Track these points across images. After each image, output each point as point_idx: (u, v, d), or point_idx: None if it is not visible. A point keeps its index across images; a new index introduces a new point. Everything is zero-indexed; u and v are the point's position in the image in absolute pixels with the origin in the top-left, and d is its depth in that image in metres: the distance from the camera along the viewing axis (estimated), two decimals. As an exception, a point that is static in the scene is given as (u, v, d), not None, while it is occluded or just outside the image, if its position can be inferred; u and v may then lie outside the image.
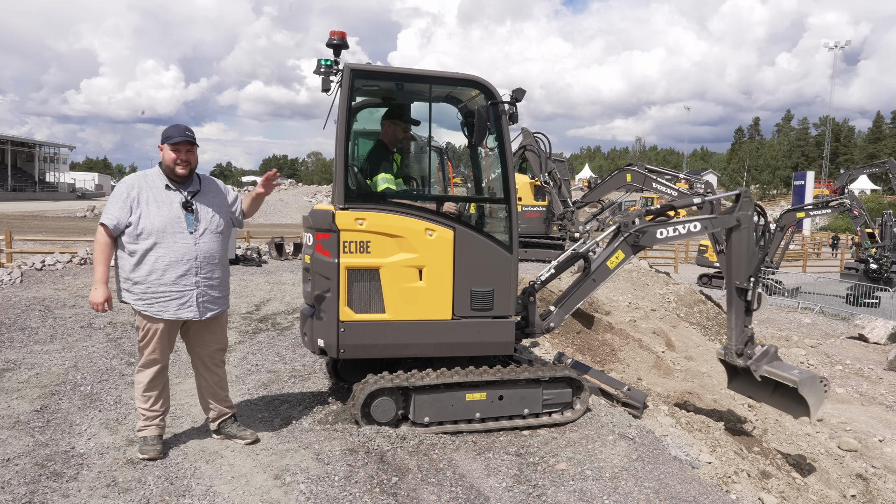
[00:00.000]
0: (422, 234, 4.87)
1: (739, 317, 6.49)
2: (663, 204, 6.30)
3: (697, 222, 6.31)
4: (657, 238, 6.11)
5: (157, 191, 4.21)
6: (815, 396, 6.13)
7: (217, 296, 4.39)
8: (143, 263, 4.12)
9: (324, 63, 4.86)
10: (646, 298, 12.77)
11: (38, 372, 6.02)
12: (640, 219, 6.04)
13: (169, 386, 4.51)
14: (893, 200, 53.17)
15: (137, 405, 4.34)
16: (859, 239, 20.46)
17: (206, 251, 4.27)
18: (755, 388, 6.64)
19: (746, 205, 6.39)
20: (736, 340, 6.52)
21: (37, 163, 64.93)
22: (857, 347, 14.35)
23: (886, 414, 10.42)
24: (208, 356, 4.51)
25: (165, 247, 4.13)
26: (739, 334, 6.51)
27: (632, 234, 5.94)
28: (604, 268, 5.89)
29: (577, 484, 4.29)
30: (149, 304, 4.16)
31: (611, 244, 6.02)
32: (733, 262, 6.44)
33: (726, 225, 6.40)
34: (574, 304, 5.89)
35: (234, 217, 4.56)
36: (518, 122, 5.21)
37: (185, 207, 4.23)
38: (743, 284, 6.39)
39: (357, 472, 4.15)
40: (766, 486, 5.94)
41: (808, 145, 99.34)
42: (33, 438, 4.54)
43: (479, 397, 5.02)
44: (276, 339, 7.51)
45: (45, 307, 8.38)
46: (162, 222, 4.13)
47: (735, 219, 6.34)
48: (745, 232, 6.37)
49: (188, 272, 4.20)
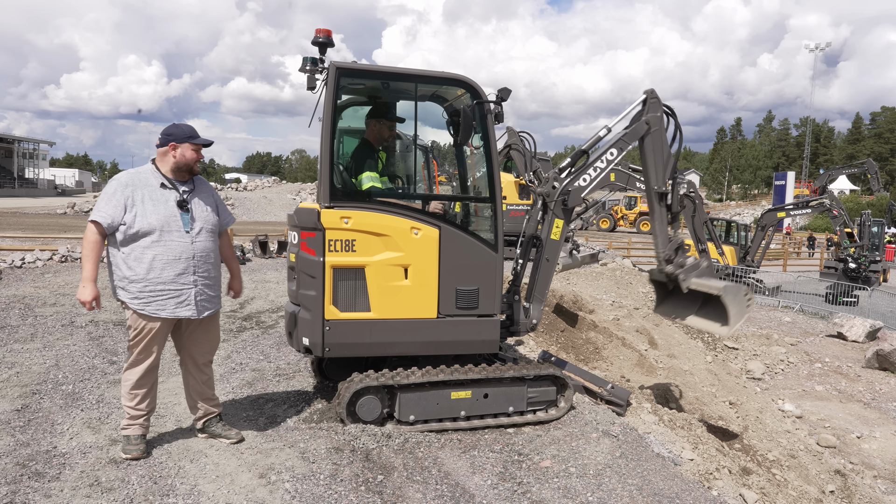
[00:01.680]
0: (407, 233, 4.88)
1: (662, 223, 6.31)
2: (573, 153, 6.08)
3: (612, 148, 6.09)
4: (582, 187, 5.90)
5: (152, 189, 4.17)
6: (738, 307, 5.84)
7: (213, 294, 4.38)
8: (141, 262, 4.09)
9: (309, 61, 4.86)
10: (629, 297, 12.87)
11: (19, 371, 5.95)
12: (558, 181, 5.82)
13: (157, 386, 4.48)
14: (872, 200, 53.93)
15: (123, 403, 4.30)
16: (838, 238, 20.75)
17: (203, 249, 4.27)
18: (681, 307, 6.39)
19: (654, 106, 6.17)
20: (662, 247, 6.30)
21: (16, 159, 63.95)
22: (835, 345, 14.55)
23: (864, 411, 10.58)
24: (200, 355, 4.49)
25: (163, 245, 4.11)
26: (665, 241, 6.30)
27: (558, 199, 5.76)
28: (552, 243, 5.75)
29: (562, 481, 4.33)
30: (146, 302, 4.12)
31: (546, 219, 5.84)
32: (649, 167, 6.25)
33: (639, 134, 6.17)
34: (544, 291, 5.79)
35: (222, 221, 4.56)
36: (504, 121, 5.23)
37: (180, 206, 4.21)
38: (661, 188, 6.24)
39: (342, 471, 4.15)
40: (747, 482, 6.02)
41: (788, 146, 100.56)
42: (14, 438, 4.50)
43: (465, 395, 5.05)
44: (260, 338, 7.49)
45: (25, 305, 8.28)
46: (159, 221, 4.10)
47: (645, 123, 6.14)
48: (657, 134, 6.18)
49: (186, 270, 4.18)
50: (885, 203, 41.38)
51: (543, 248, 5.73)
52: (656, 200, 6.30)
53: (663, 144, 6.22)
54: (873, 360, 12.85)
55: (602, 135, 6.20)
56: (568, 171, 5.94)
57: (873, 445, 9.18)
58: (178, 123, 4.34)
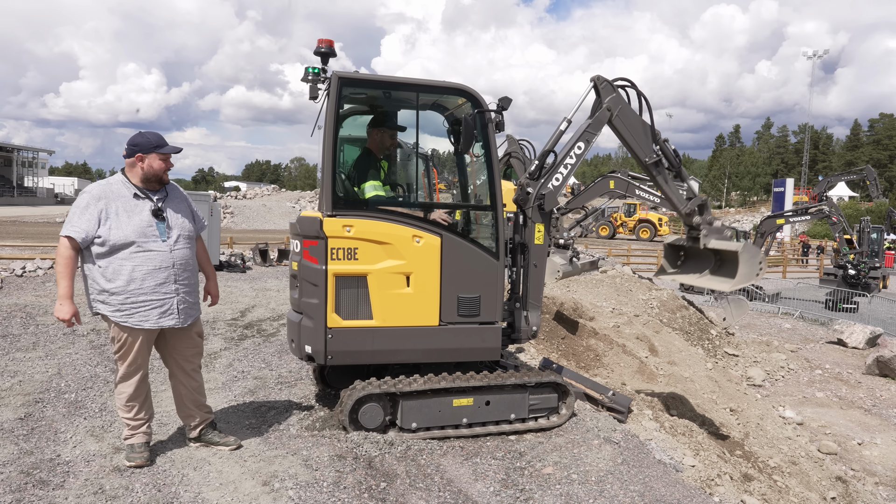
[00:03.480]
0: (409, 241, 4.91)
1: (669, 184, 6.29)
2: (539, 154, 5.89)
3: (579, 142, 5.96)
4: (556, 187, 5.79)
5: (125, 200, 4.12)
6: (749, 268, 5.84)
7: (193, 301, 4.39)
8: (120, 274, 4.05)
9: (311, 71, 4.90)
10: (629, 304, 12.90)
11: (22, 380, 5.96)
12: (531, 186, 5.71)
13: (151, 393, 4.48)
14: (871, 207, 54.02)
15: (121, 415, 4.29)
16: (838, 245, 20.79)
17: (182, 257, 4.26)
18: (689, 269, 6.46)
19: (606, 90, 6.03)
20: (681, 204, 6.30)
21: (15, 167, 64.02)
22: (836, 352, 14.57)
23: (865, 417, 10.59)
24: (186, 361, 4.48)
25: (142, 255, 4.08)
26: (680, 199, 6.31)
27: (533, 205, 5.66)
28: (537, 248, 5.67)
29: (564, 488, 4.34)
30: (128, 314, 4.10)
31: (526, 225, 5.74)
32: (630, 144, 6.15)
33: (602, 121, 6.05)
34: (538, 297, 5.74)
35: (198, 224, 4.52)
36: (504, 129, 5.26)
37: (155, 215, 4.17)
38: (652, 158, 6.18)
39: (345, 478, 4.17)
40: (749, 488, 6.03)
41: (787, 152, 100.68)
42: (18, 447, 4.51)
43: (467, 403, 5.06)
44: (261, 346, 7.50)
45: (26, 314, 8.30)
46: (135, 232, 4.07)
47: (606, 109, 6.02)
48: (623, 113, 6.07)
49: (167, 280, 4.17)
50: (884, 209, 41.47)
51: (530, 254, 5.67)
52: (653, 170, 6.26)
53: (633, 118, 6.12)
54: (874, 366, 12.87)
55: (563, 128, 6.06)
56: (538, 173, 5.83)
57: (874, 452, 9.19)
58: (145, 132, 4.26)
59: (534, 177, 5.76)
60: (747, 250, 5.89)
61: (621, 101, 6.07)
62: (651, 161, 6.20)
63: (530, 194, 5.65)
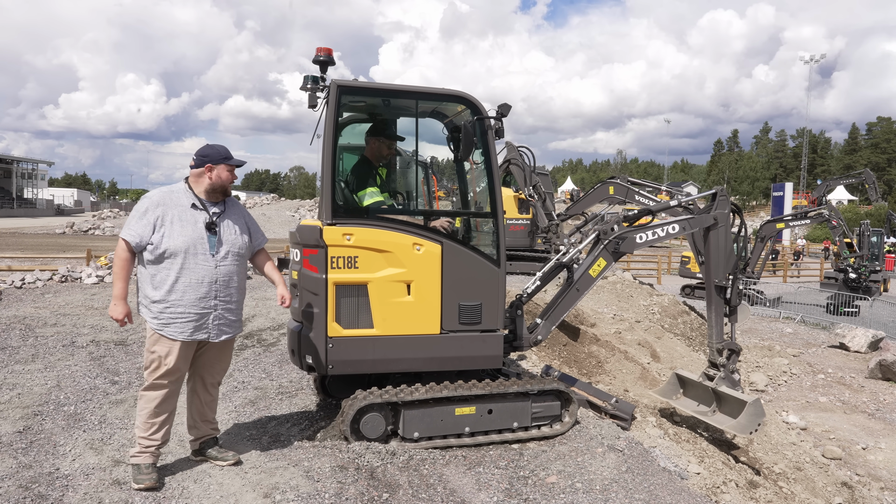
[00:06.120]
0: (409, 249, 4.88)
1: (720, 315, 6.62)
2: (641, 209, 6.38)
3: (676, 223, 6.40)
4: (637, 243, 6.17)
5: (182, 209, 4.13)
6: (749, 421, 6.04)
7: (233, 319, 4.34)
8: (164, 283, 4.05)
9: (311, 79, 4.88)
10: (630, 310, 12.85)
11: (20, 392, 5.92)
12: (619, 225, 6.11)
13: (174, 417, 4.31)
14: (870, 210, 54.02)
15: (137, 432, 4.15)
16: (838, 249, 20.75)
17: (226, 274, 4.21)
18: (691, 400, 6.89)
19: (723, 203, 6.48)
20: (717, 339, 6.65)
21: (14, 179, 64.11)
22: (838, 356, 14.51)
23: (869, 422, 10.53)
24: (210, 375, 4.44)
25: (186, 268, 4.06)
26: (720, 333, 6.64)
27: (611, 241, 5.99)
28: (586, 276, 5.93)
29: (568, 497, 4.30)
30: (164, 323, 4.07)
31: (591, 253, 6.06)
32: (712, 260, 6.52)
33: (704, 224, 6.47)
34: (560, 315, 5.92)
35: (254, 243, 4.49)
36: (504, 136, 5.26)
37: (208, 228, 4.16)
38: (722, 282, 6.49)
39: (347, 489, 4.12)
40: (754, 495, 5.98)
41: (785, 157, 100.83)
42: (16, 460, 4.46)
43: (469, 411, 5.02)
44: (262, 356, 7.46)
45: (25, 326, 8.26)
46: (185, 243, 4.06)
47: (712, 217, 6.44)
48: (723, 230, 6.47)
49: (207, 294, 4.14)
50: (883, 213, 41.48)
51: (578, 280, 5.90)
52: (715, 292, 6.58)
53: (727, 241, 6.52)
54: (876, 370, 12.80)
55: (673, 204, 6.72)
56: (632, 221, 6.23)
57: (879, 457, 9.13)
58: (213, 144, 4.32)
59: (628, 220, 6.18)
60: (755, 406, 6.10)
61: (727, 220, 6.50)
62: (718, 283, 6.54)
63: (614, 231, 6.03)
